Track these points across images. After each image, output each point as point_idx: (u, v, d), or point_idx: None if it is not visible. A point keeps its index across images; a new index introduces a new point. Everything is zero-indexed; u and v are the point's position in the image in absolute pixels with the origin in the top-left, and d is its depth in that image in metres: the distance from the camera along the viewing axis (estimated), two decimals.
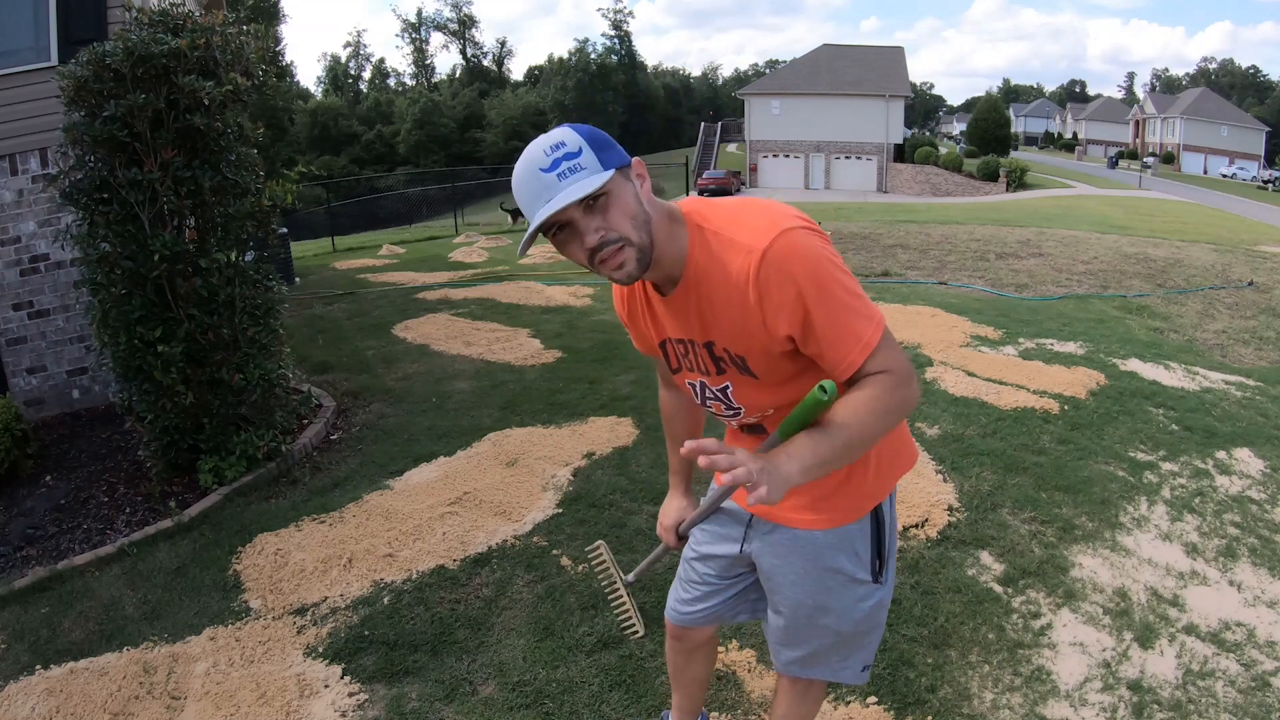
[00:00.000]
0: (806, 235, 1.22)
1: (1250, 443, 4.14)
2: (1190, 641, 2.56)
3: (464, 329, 6.63)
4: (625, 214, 1.20)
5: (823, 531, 1.47)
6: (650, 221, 1.24)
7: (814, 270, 1.20)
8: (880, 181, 35.93)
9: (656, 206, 1.27)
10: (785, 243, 1.20)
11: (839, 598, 1.50)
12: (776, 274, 1.20)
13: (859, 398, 1.22)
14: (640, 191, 1.24)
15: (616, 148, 1.22)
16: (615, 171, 1.19)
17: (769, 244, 1.20)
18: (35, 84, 4.70)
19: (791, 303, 1.20)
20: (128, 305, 3.59)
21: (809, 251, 1.20)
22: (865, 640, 1.58)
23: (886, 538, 1.48)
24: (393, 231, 19.00)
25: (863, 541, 1.47)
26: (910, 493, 3.45)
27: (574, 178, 1.17)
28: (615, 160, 1.20)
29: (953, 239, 12.28)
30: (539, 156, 1.19)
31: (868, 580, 1.49)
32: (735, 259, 1.23)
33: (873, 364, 1.23)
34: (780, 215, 1.24)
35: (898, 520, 3.20)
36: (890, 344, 1.25)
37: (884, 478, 1.46)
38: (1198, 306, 7.59)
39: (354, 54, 71.78)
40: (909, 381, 1.25)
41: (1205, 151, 52.97)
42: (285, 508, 3.58)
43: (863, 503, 1.45)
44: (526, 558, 3.08)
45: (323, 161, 51.31)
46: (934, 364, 5.35)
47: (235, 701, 2.35)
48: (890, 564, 1.52)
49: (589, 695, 2.33)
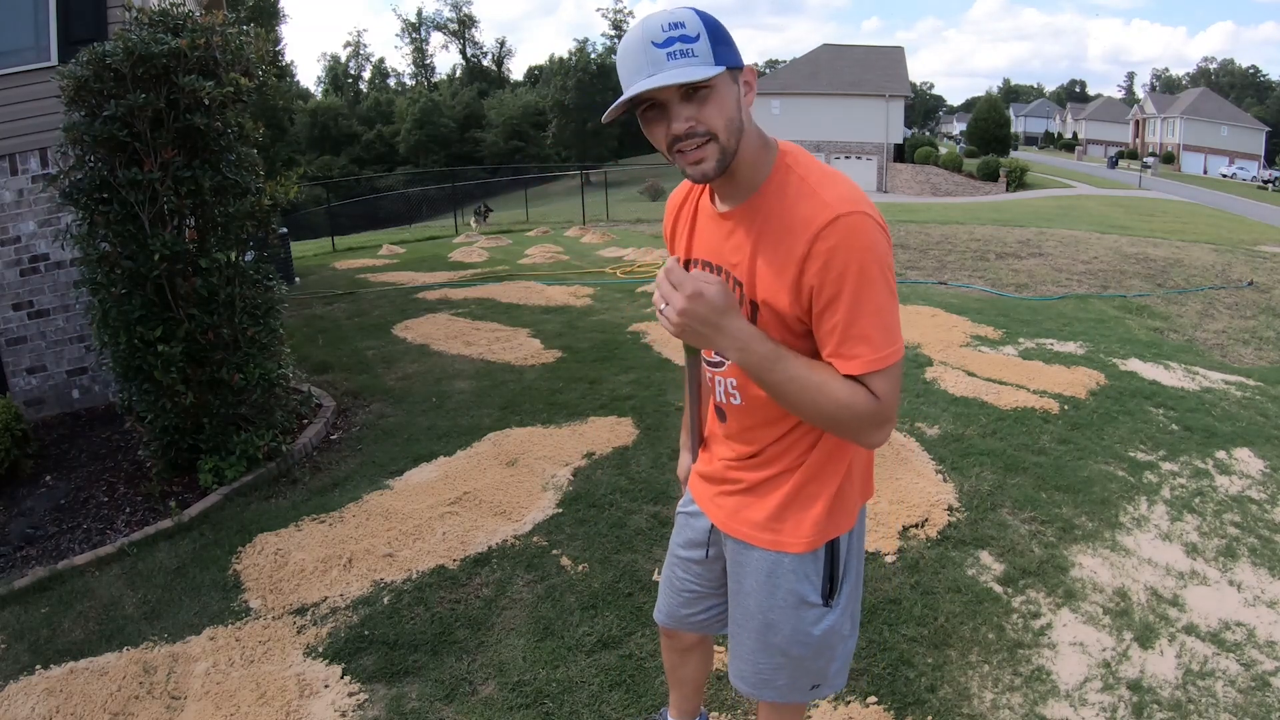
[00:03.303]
0: (877, 229, 1.20)
1: (1250, 443, 4.15)
2: (1190, 641, 2.56)
3: (464, 329, 6.63)
4: (722, 113, 1.18)
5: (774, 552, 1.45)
6: (743, 131, 1.22)
7: (870, 261, 1.18)
8: (880, 181, 35.96)
9: (753, 123, 1.24)
10: (861, 221, 1.18)
11: (787, 617, 1.46)
12: (838, 242, 1.17)
13: (840, 391, 1.21)
14: (743, 99, 1.22)
15: (734, 46, 1.19)
16: (726, 69, 1.17)
17: (847, 212, 1.18)
18: (35, 84, 4.70)
19: (835, 277, 1.18)
20: (128, 305, 3.59)
21: (875, 244, 1.19)
22: (815, 665, 1.52)
23: (840, 565, 1.45)
24: (393, 231, 18.98)
25: (814, 565, 1.44)
26: (910, 493, 3.45)
27: (683, 61, 1.14)
28: (729, 58, 1.17)
29: (953, 239, 12.28)
30: (655, 30, 1.15)
31: (818, 603, 1.45)
32: (809, 207, 1.21)
33: (871, 381, 1.21)
34: (864, 200, 1.22)
35: (896, 522, 3.21)
36: (896, 379, 1.23)
37: (839, 515, 1.43)
38: (1198, 306, 7.59)
39: (354, 54, 71.86)
40: (884, 423, 1.23)
41: (1205, 151, 52.98)
42: (285, 508, 3.58)
43: (815, 537, 1.42)
44: (526, 558, 3.08)
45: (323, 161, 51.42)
46: (934, 364, 5.35)
47: (235, 701, 2.35)
48: (845, 588, 1.47)
49: (589, 695, 2.33)
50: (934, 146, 36.94)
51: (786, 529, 1.43)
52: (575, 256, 11.42)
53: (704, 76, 1.14)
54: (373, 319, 7.27)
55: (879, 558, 3.00)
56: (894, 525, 3.20)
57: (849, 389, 1.21)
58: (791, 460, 1.42)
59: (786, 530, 1.43)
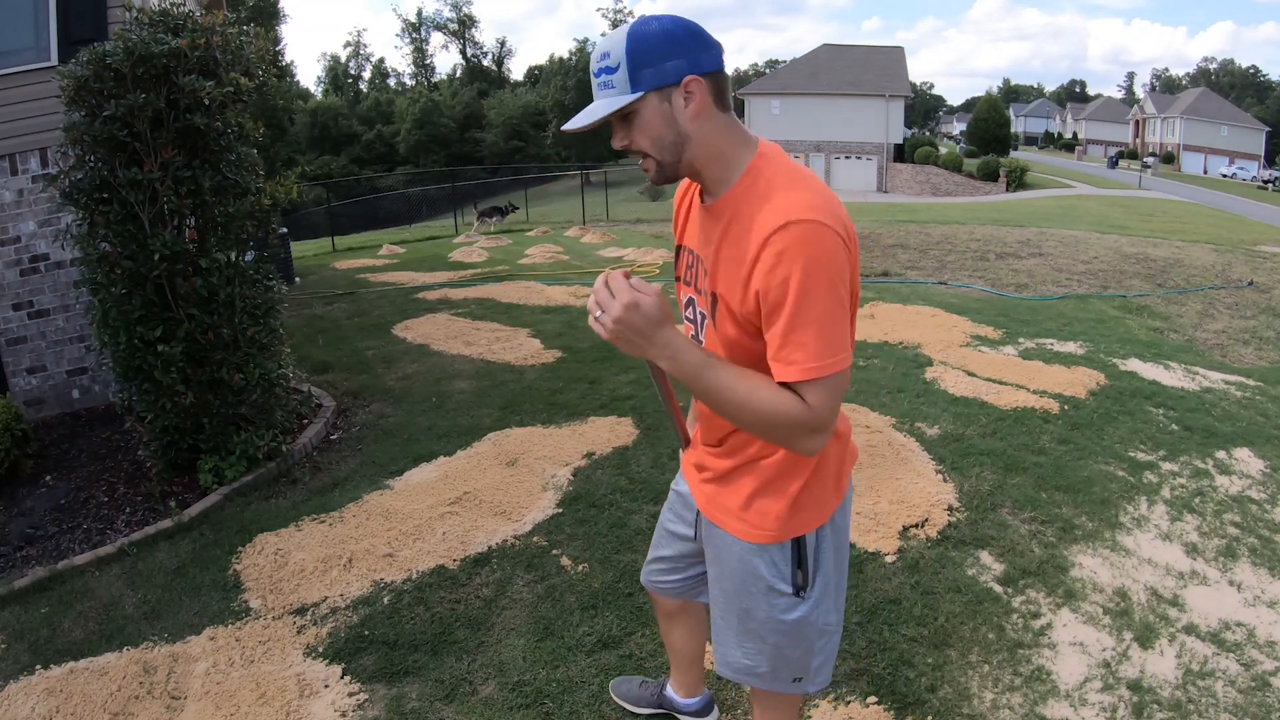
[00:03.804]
0: (832, 239, 1.20)
1: (1250, 443, 4.15)
2: (1190, 641, 2.56)
3: (464, 329, 6.63)
4: (646, 134, 1.26)
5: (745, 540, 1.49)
6: (684, 143, 1.27)
7: (817, 270, 1.19)
8: (880, 181, 35.95)
9: (709, 127, 1.28)
10: (812, 229, 1.19)
11: (759, 603, 1.50)
12: (785, 248, 1.19)
13: (770, 398, 1.24)
14: (680, 112, 1.25)
15: (661, 66, 1.22)
16: (648, 92, 1.23)
17: (800, 219, 1.19)
18: (35, 84, 4.70)
19: (779, 283, 1.20)
20: (128, 305, 3.59)
21: (824, 253, 1.20)
22: (794, 656, 1.53)
23: (810, 560, 1.47)
24: (393, 231, 18.98)
25: (781, 555, 1.47)
26: (910, 493, 3.45)
27: (605, 93, 1.25)
28: (651, 81, 1.22)
29: (953, 239, 12.28)
30: (593, 61, 1.27)
31: (788, 593, 1.48)
32: (766, 211, 1.23)
33: (806, 389, 1.22)
34: (824, 207, 1.22)
35: (896, 522, 3.20)
36: (833, 391, 1.24)
37: (806, 511, 1.45)
38: (1198, 306, 7.59)
39: (354, 54, 71.77)
40: (815, 432, 1.24)
41: (1205, 151, 52.99)
42: (285, 507, 3.58)
43: (779, 531, 1.45)
44: (526, 558, 3.08)
45: (323, 161, 51.36)
46: (934, 364, 5.35)
47: (235, 701, 2.35)
48: (818, 583, 1.49)
49: (589, 695, 2.33)
50: (934, 146, 36.93)
51: (754, 519, 1.47)
52: (575, 256, 11.43)
53: (617, 108, 1.23)
54: (373, 319, 7.27)
55: (879, 558, 3.00)
56: (894, 525, 3.20)
57: (776, 398, 1.23)
58: (755, 452, 1.46)
59: (753, 520, 1.47)
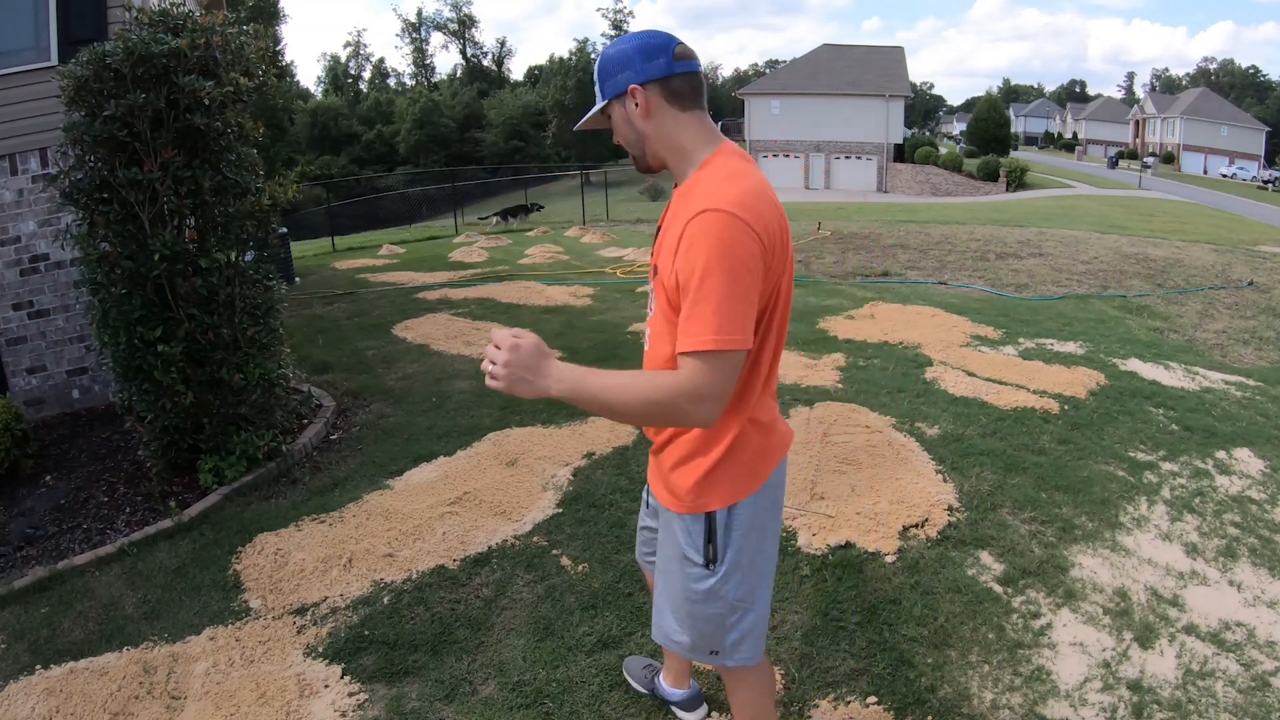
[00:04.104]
0: (738, 227, 1.35)
1: (1250, 443, 4.14)
2: (1190, 641, 2.56)
3: (464, 329, 6.63)
4: (620, 134, 1.55)
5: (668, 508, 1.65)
6: (643, 139, 1.52)
7: (718, 255, 1.33)
8: (880, 181, 35.94)
9: (664, 125, 1.50)
10: (717, 219, 1.35)
11: (676, 570, 1.65)
12: (696, 233, 1.36)
13: (647, 379, 1.39)
14: (633, 114, 1.50)
15: (616, 77, 1.49)
16: (612, 100, 1.51)
17: (710, 209, 1.36)
18: (35, 84, 4.70)
19: (687, 264, 1.36)
20: (128, 305, 3.59)
21: (727, 241, 1.34)
22: (708, 630, 1.65)
23: (720, 536, 1.59)
24: (393, 231, 18.98)
25: (695, 526, 1.60)
26: (910, 493, 3.45)
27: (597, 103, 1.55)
28: (610, 91, 1.51)
29: (953, 239, 12.28)
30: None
31: (699, 563, 1.61)
32: (693, 203, 1.40)
33: (689, 364, 1.35)
34: (742, 203, 1.37)
35: (896, 522, 3.20)
36: (720, 366, 1.34)
37: (717, 487, 1.57)
38: (1198, 306, 7.59)
39: (354, 54, 71.75)
40: (699, 401, 1.35)
41: (1205, 151, 52.97)
42: (285, 508, 3.58)
43: (691, 504, 1.59)
44: (526, 558, 3.08)
45: (323, 161, 51.33)
46: (934, 364, 5.35)
47: (235, 701, 2.35)
48: (728, 559, 1.59)
49: (589, 695, 2.33)
50: (934, 146, 36.90)
51: (673, 488, 1.62)
52: (575, 256, 11.43)
53: (593, 113, 1.56)
54: (373, 319, 7.27)
55: (879, 558, 3.00)
56: (894, 525, 3.20)
57: (653, 379, 1.38)
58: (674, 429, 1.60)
59: (673, 489, 1.62)
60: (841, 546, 3.06)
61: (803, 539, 3.11)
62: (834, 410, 4.42)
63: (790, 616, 2.67)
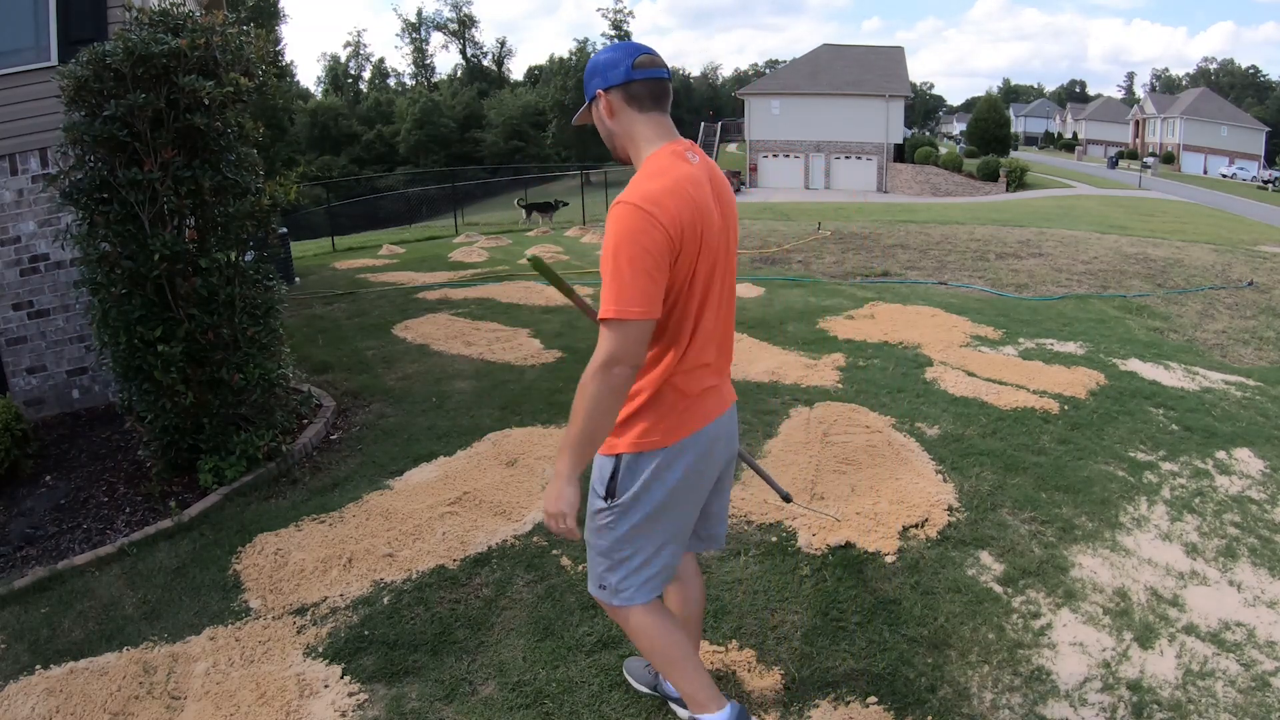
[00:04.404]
0: (638, 215, 1.59)
1: (1250, 443, 4.14)
2: (1190, 641, 2.56)
3: (464, 329, 6.63)
4: (599, 130, 1.82)
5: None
6: (611, 135, 1.79)
7: (620, 240, 1.59)
8: (880, 181, 35.92)
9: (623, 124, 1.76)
10: (623, 210, 1.61)
11: (588, 502, 1.91)
12: (610, 223, 1.63)
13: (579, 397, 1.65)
14: (601, 115, 1.77)
15: (588, 84, 1.77)
16: (590, 102, 1.79)
17: (620, 202, 1.62)
18: (35, 84, 4.70)
19: (604, 249, 1.64)
20: (128, 305, 3.59)
21: (626, 226, 1.60)
22: (597, 559, 1.91)
23: (621, 475, 1.82)
24: (393, 231, 18.97)
25: (606, 465, 1.84)
26: (910, 493, 3.45)
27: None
28: (588, 94, 1.79)
29: (953, 239, 12.28)
30: None
31: (601, 495, 1.86)
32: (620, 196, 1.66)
33: (601, 333, 1.61)
34: (650, 197, 1.61)
35: (896, 522, 3.20)
36: (625, 335, 1.59)
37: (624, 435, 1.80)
38: (1198, 306, 7.59)
39: (354, 54, 71.69)
40: (608, 364, 1.60)
41: (1205, 151, 52.97)
42: (285, 508, 3.58)
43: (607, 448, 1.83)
44: (526, 558, 3.08)
45: (323, 161, 51.33)
46: (934, 364, 5.35)
47: (235, 701, 2.35)
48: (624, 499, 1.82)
49: (589, 695, 2.33)
50: (934, 146, 36.87)
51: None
52: (575, 256, 11.42)
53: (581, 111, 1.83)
54: (373, 319, 7.27)
55: (879, 558, 3.00)
56: (894, 525, 3.20)
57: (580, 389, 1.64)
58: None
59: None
60: (841, 546, 3.06)
61: (803, 539, 3.11)
62: (834, 410, 4.42)
63: (790, 616, 2.67)
